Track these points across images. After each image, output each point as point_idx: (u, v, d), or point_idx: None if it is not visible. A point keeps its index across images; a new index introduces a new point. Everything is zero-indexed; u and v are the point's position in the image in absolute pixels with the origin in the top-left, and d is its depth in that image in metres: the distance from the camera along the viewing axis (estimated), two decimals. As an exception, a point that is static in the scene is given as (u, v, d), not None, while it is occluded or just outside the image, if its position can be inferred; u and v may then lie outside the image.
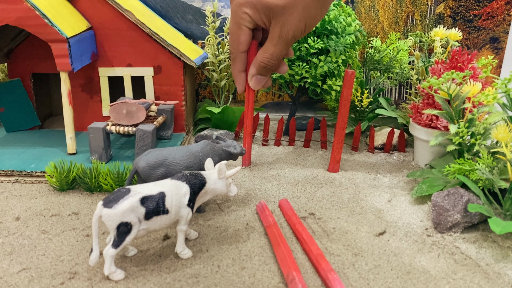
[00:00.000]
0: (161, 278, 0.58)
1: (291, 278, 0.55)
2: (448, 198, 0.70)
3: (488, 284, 0.57)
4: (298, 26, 0.69)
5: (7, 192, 0.81)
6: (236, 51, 0.76)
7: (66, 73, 0.88)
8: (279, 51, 0.72)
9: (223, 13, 1.20)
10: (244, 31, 0.72)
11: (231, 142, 0.78)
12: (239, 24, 0.71)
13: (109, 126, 0.88)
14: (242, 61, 0.77)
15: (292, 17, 0.68)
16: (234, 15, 0.71)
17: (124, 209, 0.55)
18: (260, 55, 0.74)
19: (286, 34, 0.69)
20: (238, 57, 0.77)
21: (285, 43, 0.71)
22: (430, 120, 0.89)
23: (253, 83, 0.78)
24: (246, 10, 0.69)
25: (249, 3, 0.69)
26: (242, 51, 0.75)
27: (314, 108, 1.28)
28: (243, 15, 0.70)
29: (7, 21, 0.84)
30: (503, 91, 0.68)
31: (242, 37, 0.73)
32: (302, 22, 0.69)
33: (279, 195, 0.81)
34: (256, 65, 0.75)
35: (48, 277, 0.58)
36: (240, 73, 0.79)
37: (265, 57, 0.73)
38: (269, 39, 0.72)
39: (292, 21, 0.68)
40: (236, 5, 0.70)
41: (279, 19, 0.68)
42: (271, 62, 0.74)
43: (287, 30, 0.69)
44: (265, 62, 0.74)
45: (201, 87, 1.27)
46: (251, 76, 0.77)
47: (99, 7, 0.98)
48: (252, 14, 0.69)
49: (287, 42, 0.71)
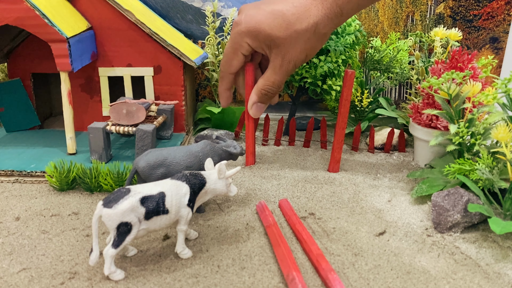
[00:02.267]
0: (161, 278, 0.58)
1: (291, 278, 0.55)
2: (448, 198, 0.70)
3: (488, 284, 0.57)
4: (299, 57, 0.71)
5: (7, 192, 0.81)
6: (226, 71, 0.79)
7: (66, 73, 0.88)
8: (280, 80, 0.74)
9: (223, 13, 1.19)
10: (239, 57, 0.75)
11: (231, 142, 0.78)
12: (235, 50, 0.74)
13: (109, 126, 0.88)
14: (229, 81, 0.81)
15: (294, 49, 0.69)
16: (233, 40, 0.73)
17: (124, 209, 0.55)
18: (262, 83, 0.76)
19: (287, 64, 0.71)
20: (227, 77, 0.80)
21: (286, 73, 0.73)
22: (430, 120, 0.89)
23: (253, 111, 0.81)
24: (247, 40, 0.71)
25: (251, 33, 0.70)
26: (231, 73, 0.79)
27: (314, 108, 1.28)
28: (243, 43, 0.72)
29: (7, 21, 0.84)
30: (503, 91, 0.68)
31: (235, 61, 0.76)
32: (304, 53, 0.71)
33: (279, 195, 0.81)
34: (257, 93, 0.77)
35: (48, 277, 0.58)
36: (226, 91, 0.83)
37: (267, 85, 0.75)
38: (271, 68, 0.73)
39: (294, 52, 0.70)
40: (238, 32, 0.71)
41: (280, 50, 0.70)
42: (272, 90, 0.76)
43: (288, 61, 0.71)
44: (267, 90, 0.76)
45: (201, 87, 1.27)
46: (251, 104, 0.80)
47: (99, 7, 0.98)
48: (252, 44, 0.72)
49: (288, 71, 0.73)
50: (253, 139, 0.93)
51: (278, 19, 0.68)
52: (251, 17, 0.70)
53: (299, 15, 0.68)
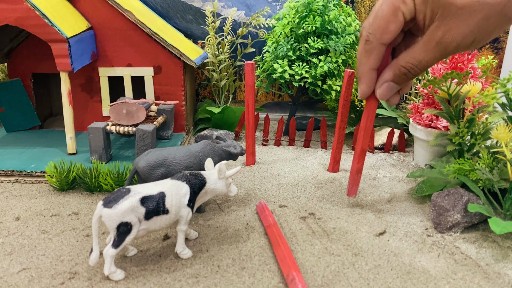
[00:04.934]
0: (161, 278, 0.58)
1: (291, 278, 0.55)
2: (448, 198, 0.70)
3: (488, 284, 0.57)
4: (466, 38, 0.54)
5: (7, 192, 0.81)
6: (377, 40, 0.58)
7: (66, 73, 0.88)
8: (429, 60, 0.57)
9: (223, 13, 1.19)
10: (399, 19, 0.56)
11: (231, 142, 0.78)
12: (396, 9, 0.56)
13: (109, 126, 0.88)
14: (379, 55, 0.60)
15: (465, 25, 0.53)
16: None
17: (124, 209, 0.55)
18: (404, 58, 0.59)
19: (448, 42, 0.55)
20: (377, 49, 0.59)
21: (442, 53, 0.56)
22: (430, 120, 0.89)
23: (382, 91, 0.62)
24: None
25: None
26: (385, 43, 0.59)
27: (314, 108, 1.28)
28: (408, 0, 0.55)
29: (7, 21, 0.84)
30: (502, 91, 0.68)
31: (393, 26, 0.57)
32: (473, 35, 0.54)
33: (279, 195, 0.81)
34: (394, 70, 0.61)
35: (48, 277, 0.58)
36: (372, 71, 0.62)
37: (410, 63, 0.59)
38: (423, 42, 0.57)
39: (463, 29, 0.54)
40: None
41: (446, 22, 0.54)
42: (414, 70, 0.59)
43: (451, 38, 0.54)
44: (408, 68, 0.59)
45: (201, 87, 1.27)
46: (382, 82, 0.62)
47: (99, 7, 0.98)
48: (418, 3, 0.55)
49: (445, 52, 0.56)
50: (253, 139, 0.93)
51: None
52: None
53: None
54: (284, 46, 1.01)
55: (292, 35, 1.03)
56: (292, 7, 1.04)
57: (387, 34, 0.57)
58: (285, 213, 0.74)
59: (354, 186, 0.75)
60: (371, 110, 0.70)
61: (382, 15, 0.57)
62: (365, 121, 0.71)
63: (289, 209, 0.76)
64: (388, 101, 0.64)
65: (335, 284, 0.57)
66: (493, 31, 0.54)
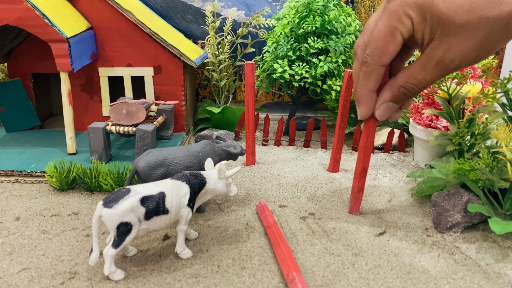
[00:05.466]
0: (161, 278, 0.58)
1: (291, 278, 0.55)
2: (448, 198, 0.70)
3: (488, 284, 0.57)
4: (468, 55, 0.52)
5: (7, 192, 0.81)
6: (376, 62, 0.56)
7: (66, 73, 0.88)
8: (430, 79, 0.55)
9: (223, 13, 1.19)
10: (397, 39, 0.54)
11: (231, 142, 0.78)
12: (393, 29, 0.53)
13: (109, 126, 0.88)
14: (378, 77, 0.58)
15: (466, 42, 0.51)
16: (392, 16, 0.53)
17: (124, 209, 0.55)
18: (403, 78, 0.57)
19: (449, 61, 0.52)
20: (377, 71, 0.57)
21: (443, 72, 0.54)
22: (430, 120, 0.90)
23: (382, 112, 0.60)
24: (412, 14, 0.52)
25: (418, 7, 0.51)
26: (384, 64, 0.56)
27: (314, 108, 1.28)
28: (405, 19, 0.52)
29: (7, 21, 0.84)
30: (502, 91, 0.68)
31: (392, 46, 0.54)
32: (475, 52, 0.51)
33: (279, 195, 0.81)
34: (394, 90, 0.58)
35: (48, 277, 0.58)
36: (371, 93, 0.60)
37: (410, 82, 0.56)
38: (422, 60, 0.54)
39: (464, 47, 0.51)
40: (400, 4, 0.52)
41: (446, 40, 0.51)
42: (414, 90, 0.57)
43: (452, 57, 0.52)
44: (408, 88, 0.57)
45: (201, 87, 1.27)
46: (381, 102, 0.60)
47: (99, 7, 0.98)
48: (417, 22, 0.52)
49: (446, 71, 0.53)
50: (253, 139, 0.93)
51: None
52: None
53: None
54: (284, 46, 1.01)
55: (292, 35, 1.03)
56: (292, 7, 1.04)
57: (386, 55, 0.55)
58: (285, 213, 0.74)
59: (356, 204, 0.74)
60: (371, 130, 0.68)
61: (379, 36, 0.55)
62: (364, 141, 0.70)
63: (289, 209, 0.76)
64: (389, 118, 0.62)
65: (335, 284, 0.57)
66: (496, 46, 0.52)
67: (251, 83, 0.88)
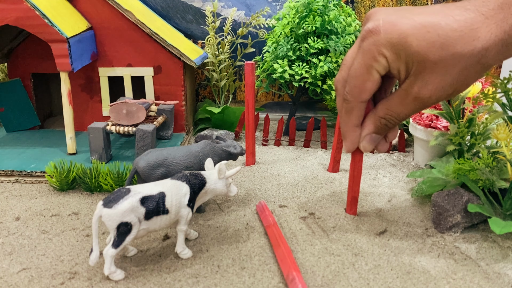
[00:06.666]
0: (161, 278, 0.58)
1: (291, 278, 0.55)
2: (448, 198, 0.70)
3: (488, 284, 0.57)
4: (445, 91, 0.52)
5: (7, 192, 0.81)
6: (355, 99, 0.58)
7: (66, 73, 0.88)
8: (406, 114, 0.56)
9: (223, 13, 1.19)
10: (374, 77, 0.55)
11: (231, 142, 0.78)
12: (369, 68, 0.54)
13: (109, 126, 0.88)
14: (360, 113, 0.59)
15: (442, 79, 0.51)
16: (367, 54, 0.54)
17: (124, 209, 0.55)
18: (382, 110, 0.58)
19: (426, 97, 0.53)
20: (357, 107, 0.58)
21: (420, 107, 0.55)
22: (430, 120, 0.90)
23: (365, 144, 0.61)
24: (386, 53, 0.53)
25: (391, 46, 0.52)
26: (364, 101, 0.58)
27: (314, 108, 1.28)
28: (380, 58, 0.53)
29: (7, 21, 0.84)
30: (502, 91, 0.68)
31: (369, 84, 0.56)
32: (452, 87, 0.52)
33: (279, 195, 0.81)
34: (375, 121, 0.60)
35: (48, 277, 0.58)
36: (355, 129, 0.61)
37: (389, 115, 0.58)
38: (400, 95, 0.55)
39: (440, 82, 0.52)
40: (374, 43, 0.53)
41: (422, 76, 0.52)
42: (394, 121, 0.58)
43: (429, 93, 0.52)
44: (388, 119, 0.58)
45: (201, 87, 1.27)
46: (365, 134, 0.61)
47: (99, 7, 0.98)
48: (391, 60, 0.53)
49: (423, 105, 0.54)
50: (253, 139, 0.93)
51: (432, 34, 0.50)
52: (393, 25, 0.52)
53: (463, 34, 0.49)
54: (284, 46, 1.01)
55: (292, 35, 1.03)
56: (292, 7, 1.04)
57: (365, 92, 0.57)
58: (285, 213, 0.74)
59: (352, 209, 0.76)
60: (357, 160, 0.72)
61: (356, 74, 0.56)
62: (352, 171, 0.73)
63: (289, 209, 0.76)
64: (377, 150, 0.63)
65: (335, 284, 0.57)
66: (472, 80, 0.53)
67: (251, 83, 0.88)
